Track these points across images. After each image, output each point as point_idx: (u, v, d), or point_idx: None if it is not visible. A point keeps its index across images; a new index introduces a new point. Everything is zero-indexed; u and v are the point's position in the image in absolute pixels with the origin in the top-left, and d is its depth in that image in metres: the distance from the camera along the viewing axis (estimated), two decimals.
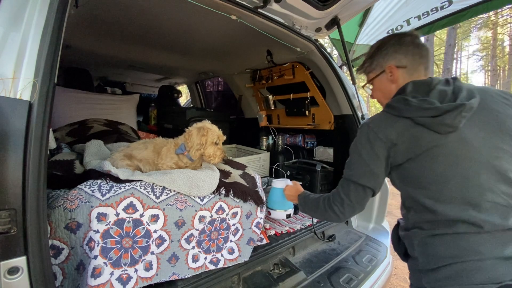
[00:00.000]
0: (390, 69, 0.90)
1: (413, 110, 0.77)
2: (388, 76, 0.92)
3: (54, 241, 0.81)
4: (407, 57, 0.88)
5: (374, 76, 0.96)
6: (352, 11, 1.63)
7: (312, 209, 1.08)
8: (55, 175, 1.03)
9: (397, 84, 0.90)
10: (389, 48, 0.91)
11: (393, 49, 0.90)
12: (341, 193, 0.93)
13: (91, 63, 2.57)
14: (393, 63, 0.89)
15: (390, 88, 0.92)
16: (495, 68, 18.39)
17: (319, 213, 1.04)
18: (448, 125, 0.73)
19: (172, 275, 1.00)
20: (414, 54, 0.87)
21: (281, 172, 2.17)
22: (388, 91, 0.93)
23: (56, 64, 0.69)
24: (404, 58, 0.88)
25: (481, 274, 0.67)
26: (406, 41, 0.89)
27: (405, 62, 0.88)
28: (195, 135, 1.18)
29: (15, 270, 0.60)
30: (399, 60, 0.89)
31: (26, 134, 0.61)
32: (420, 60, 0.87)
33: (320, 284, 1.21)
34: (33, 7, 0.67)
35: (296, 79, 2.20)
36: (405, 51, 0.88)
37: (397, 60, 0.89)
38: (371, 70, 0.98)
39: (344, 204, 0.92)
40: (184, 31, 1.71)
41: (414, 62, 0.87)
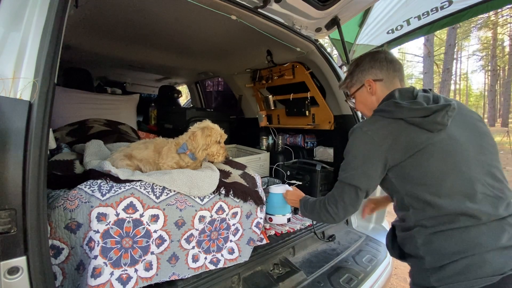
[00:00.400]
0: (369, 82, 1.01)
1: (405, 111, 0.83)
2: (368, 89, 1.02)
3: (54, 241, 0.81)
4: (382, 71, 0.99)
5: (355, 90, 1.07)
6: (352, 11, 1.63)
7: (310, 212, 1.12)
8: (55, 175, 1.03)
9: (376, 95, 1.00)
10: (365, 64, 1.02)
11: (369, 65, 1.01)
12: (336, 195, 0.97)
13: (91, 63, 2.57)
14: (371, 77, 1.01)
15: (371, 99, 1.02)
16: (495, 68, 18.39)
17: (316, 215, 1.08)
18: (438, 123, 0.80)
19: (172, 275, 1.00)
20: (389, 68, 0.98)
21: (281, 172, 2.17)
22: (369, 103, 1.03)
23: (56, 64, 0.69)
24: (380, 72, 0.99)
25: (486, 267, 0.71)
26: (380, 57, 1.00)
27: (381, 75, 0.99)
28: (200, 135, 1.18)
29: (15, 270, 0.60)
30: (375, 74, 1.00)
31: (26, 134, 0.61)
32: (394, 74, 0.99)
33: (320, 284, 1.21)
34: (33, 7, 0.67)
35: (296, 79, 2.20)
36: (379, 66, 0.99)
37: (374, 74, 1.00)
38: (352, 85, 1.08)
39: (338, 206, 0.96)
40: (184, 31, 1.71)
41: (389, 75, 0.98)
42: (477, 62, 24.41)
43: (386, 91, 0.97)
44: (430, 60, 10.03)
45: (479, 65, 24.24)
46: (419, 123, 0.81)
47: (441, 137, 0.81)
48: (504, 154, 8.52)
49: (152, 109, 3.00)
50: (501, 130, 13.42)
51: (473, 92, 36.93)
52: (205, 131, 1.19)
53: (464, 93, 33.21)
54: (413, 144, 0.81)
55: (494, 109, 20.40)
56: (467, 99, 34.73)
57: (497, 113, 22.10)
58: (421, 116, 0.81)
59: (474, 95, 36.66)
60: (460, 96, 31.80)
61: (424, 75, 10.17)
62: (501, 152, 8.80)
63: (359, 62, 1.05)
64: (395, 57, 1.02)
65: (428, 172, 0.80)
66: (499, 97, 22.97)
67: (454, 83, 26.65)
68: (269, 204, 1.50)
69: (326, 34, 1.82)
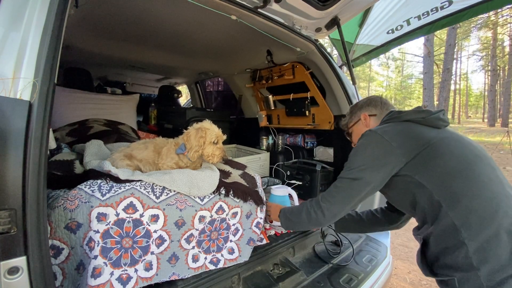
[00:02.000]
0: (364, 116, 1.20)
1: (410, 114, 0.94)
2: (363, 122, 1.20)
3: (54, 241, 0.81)
4: (377, 108, 1.18)
5: (353, 124, 1.25)
6: (352, 11, 1.63)
7: (297, 215, 1.10)
8: (55, 175, 1.03)
9: (370, 126, 1.15)
10: (363, 104, 1.22)
11: (366, 104, 1.22)
12: (333, 191, 0.99)
13: (91, 63, 2.56)
14: (366, 113, 1.20)
15: (365, 130, 1.08)
16: (495, 68, 18.39)
17: (303, 217, 1.06)
18: (443, 119, 0.90)
19: (172, 275, 1.00)
20: (382, 107, 1.17)
21: (281, 172, 2.17)
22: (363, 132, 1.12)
23: (56, 64, 0.69)
24: (374, 109, 1.19)
25: None
26: (374, 99, 1.21)
27: (374, 111, 1.18)
28: (193, 136, 1.17)
29: (15, 270, 0.59)
30: (370, 110, 1.19)
31: (26, 134, 0.61)
32: (387, 109, 1.15)
33: (320, 284, 1.21)
34: (33, 7, 0.67)
35: (296, 79, 2.20)
36: (374, 104, 1.19)
37: (369, 110, 1.20)
38: (351, 121, 1.26)
39: (335, 200, 0.97)
40: (184, 31, 1.71)
41: (382, 112, 1.16)
42: (477, 62, 24.44)
43: (378, 122, 1.13)
44: (430, 60, 10.03)
45: (479, 65, 24.26)
46: (425, 121, 0.90)
47: (447, 133, 0.88)
48: (504, 154, 8.52)
49: (152, 109, 3.00)
50: (501, 130, 13.43)
51: (473, 92, 36.93)
52: (198, 132, 1.18)
53: (464, 93, 33.20)
54: (426, 137, 0.85)
55: (494, 109, 20.39)
56: (467, 99, 34.73)
57: (497, 113, 22.09)
58: (424, 116, 0.91)
59: (474, 95, 36.66)
60: (460, 96, 31.79)
61: (424, 75, 10.17)
62: (501, 152, 8.80)
63: (357, 104, 1.26)
64: (389, 101, 1.21)
65: (454, 159, 0.79)
66: (499, 97, 22.97)
67: (454, 83, 26.64)
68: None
69: (326, 34, 1.82)
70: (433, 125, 0.89)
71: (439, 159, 0.80)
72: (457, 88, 29.99)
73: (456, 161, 0.79)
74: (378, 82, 32.58)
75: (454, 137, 0.85)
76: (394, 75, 30.48)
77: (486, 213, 0.72)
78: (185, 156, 1.20)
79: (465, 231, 0.72)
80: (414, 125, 0.90)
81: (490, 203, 0.73)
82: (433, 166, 0.80)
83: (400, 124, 0.93)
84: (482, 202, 0.73)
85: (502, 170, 0.87)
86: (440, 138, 0.83)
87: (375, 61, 26.84)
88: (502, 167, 6.81)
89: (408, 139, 0.85)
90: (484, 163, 0.80)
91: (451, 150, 0.80)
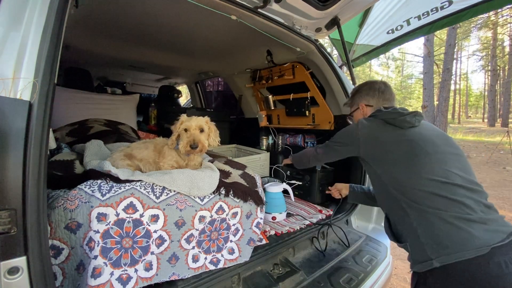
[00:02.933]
0: (362, 106, 1.34)
1: (384, 114, 1.15)
2: (361, 111, 1.35)
3: (54, 241, 0.81)
4: (374, 99, 1.31)
5: (353, 110, 1.43)
6: (352, 11, 1.63)
7: (300, 156, 1.63)
8: (55, 175, 1.03)
9: (366, 116, 1.30)
10: (363, 92, 1.35)
11: (365, 93, 1.33)
12: (323, 146, 1.42)
13: (91, 63, 2.57)
14: (364, 103, 1.33)
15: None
16: (495, 68, 18.40)
17: (305, 155, 1.59)
18: (408, 122, 1.07)
19: (172, 275, 1.00)
20: (379, 98, 1.29)
21: (281, 172, 2.17)
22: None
23: (56, 64, 0.69)
24: (371, 99, 1.31)
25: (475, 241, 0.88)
26: (375, 87, 1.31)
27: (372, 102, 1.31)
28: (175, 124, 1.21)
29: (15, 270, 0.59)
30: (367, 101, 1.32)
31: (26, 134, 0.61)
32: (383, 102, 1.29)
33: (320, 284, 1.21)
34: (33, 7, 0.67)
35: (296, 79, 2.20)
36: (372, 95, 1.31)
37: (367, 100, 1.33)
38: (351, 105, 1.44)
39: (322, 151, 1.42)
40: (184, 31, 1.71)
41: (378, 103, 1.29)
42: (477, 62, 24.45)
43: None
44: (430, 60, 10.03)
45: (479, 65, 24.27)
46: (393, 122, 1.10)
47: (410, 132, 1.07)
48: (504, 154, 8.52)
49: (152, 109, 2.99)
50: (501, 130, 13.43)
51: (473, 92, 36.91)
52: (177, 121, 1.22)
53: (464, 93, 33.19)
54: (390, 136, 1.09)
55: (494, 109, 20.40)
56: (467, 99, 34.72)
57: (497, 113, 22.09)
58: (395, 117, 1.10)
59: (474, 95, 36.64)
60: (460, 96, 31.78)
61: (424, 75, 10.16)
62: (501, 152, 8.80)
63: (359, 89, 1.38)
64: (390, 87, 1.31)
65: (400, 153, 1.03)
66: (499, 97, 22.98)
67: (454, 83, 26.64)
68: (268, 203, 1.51)
69: (326, 34, 1.82)
70: (398, 125, 1.09)
71: (389, 153, 1.07)
72: (457, 88, 29.98)
73: (401, 154, 1.03)
74: None
75: (410, 138, 1.05)
76: (394, 75, 30.46)
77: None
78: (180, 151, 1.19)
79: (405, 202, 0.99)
80: (384, 124, 1.13)
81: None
82: (383, 157, 1.09)
83: (375, 121, 1.16)
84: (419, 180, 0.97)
85: (502, 170, 0.89)
86: (400, 139, 1.07)
87: (375, 61, 26.85)
88: (502, 167, 6.81)
89: (371, 136, 1.14)
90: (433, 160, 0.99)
91: (400, 147, 1.05)
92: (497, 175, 6.07)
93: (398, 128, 1.09)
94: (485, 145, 10.80)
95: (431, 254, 0.87)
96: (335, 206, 1.82)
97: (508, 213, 3.94)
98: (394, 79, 30.83)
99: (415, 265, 0.95)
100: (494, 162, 7.49)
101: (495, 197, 4.62)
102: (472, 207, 0.87)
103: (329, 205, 1.85)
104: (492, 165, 7.09)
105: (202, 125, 1.20)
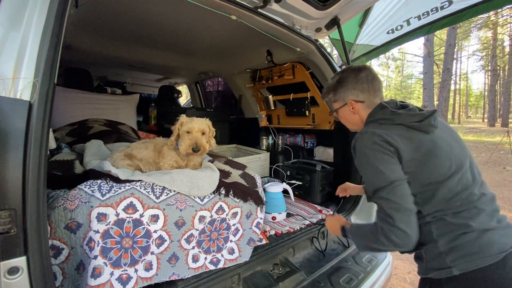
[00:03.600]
0: (351, 103, 1.06)
1: (403, 117, 0.92)
2: (350, 109, 1.07)
3: (54, 241, 0.81)
4: (364, 93, 1.04)
5: (338, 107, 1.12)
6: (352, 11, 1.63)
7: (362, 238, 0.98)
8: (55, 175, 1.03)
9: (359, 114, 1.06)
10: (348, 84, 1.06)
11: (352, 86, 1.05)
12: (385, 208, 0.85)
13: (91, 63, 2.56)
14: (353, 98, 1.05)
15: (354, 117, 1.08)
16: (495, 68, 18.39)
17: (370, 238, 0.92)
18: (432, 125, 0.90)
19: (172, 275, 1.00)
20: (369, 90, 1.03)
21: (281, 173, 2.17)
22: (352, 120, 1.10)
23: (56, 64, 0.69)
24: (361, 94, 1.04)
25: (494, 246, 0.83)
26: (361, 77, 1.04)
27: (362, 97, 1.04)
28: (176, 125, 1.21)
29: (15, 270, 0.59)
30: (357, 96, 1.04)
31: (26, 134, 0.61)
32: (374, 94, 1.04)
33: (320, 284, 1.21)
34: (33, 7, 0.67)
35: (296, 79, 2.20)
36: (361, 88, 1.04)
37: (355, 95, 1.05)
38: (335, 100, 1.12)
39: (396, 214, 0.82)
40: (184, 31, 1.71)
41: (370, 96, 1.04)
42: (477, 62, 24.46)
43: (367, 110, 1.04)
44: (430, 60, 10.03)
45: (479, 65, 24.27)
46: (418, 126, 0.90)
47: (435, 136, 0.91)
48: (504, 154, 8.52)
49: (152, 109, 3.00)
50: (501, 130, 13.43)
51: (473, 92, 36.90)
52: (179, 121, 1.21)
53: (464, 93, 33.18)
54: (417, 145, 0.88)
55: (494, 109, 20.39)
56: (467, 99, 34.71)
57: (497, 113, 22.09)
58: (417, 121, 0.90)
59: (474, 95, 36.64)
60: (460, 96, 31.77)
61: (424, 75, 10.16)
62: (501, 152, 8.80)
63: (342, 80, 1.07)
64: (376, 75, 1.06)
65: (434, 167, 0.87)
66: (499, 97, 22.97)
67: (454, 83, 26.63)
68: (268, 203, 1.51)
69: (326, 34, 1.82)
70: (423, 130, 0.90)
71: (420, 163, 0.88)
72: (457, 88, 29.97)
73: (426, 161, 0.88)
74: None
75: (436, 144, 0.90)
76: (394, 75, 30.46)
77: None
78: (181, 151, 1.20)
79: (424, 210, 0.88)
80: (406, 130, 0.91)
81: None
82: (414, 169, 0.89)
83: (394, 127, 0.92)
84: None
85: (502, 170, 0.90)
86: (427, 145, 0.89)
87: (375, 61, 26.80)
88: (502, 167, 6.81)
89: (404, 145, 0.88)
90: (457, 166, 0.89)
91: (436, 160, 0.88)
92: (497, 175, 6.07)
93: (423, 134, 0.90)
94: (485, 145, 10.80)
95: (451, 262, 0.83)
96: (335, 206, 1.82)
97: (508, 213, 3.93)
98: (394, 79, 30.83)
99: (430, 272, 0.89)
100: (494, 162, 7.49)
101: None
102: (491, 214, 0.86)
103: (329, 205, 1.85)
104: (492, 165, 7.09)
105: (204, 128, 1.21)
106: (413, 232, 0.83)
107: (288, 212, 1.67)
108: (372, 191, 0.89)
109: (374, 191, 0.88)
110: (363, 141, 0.91)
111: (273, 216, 1.56)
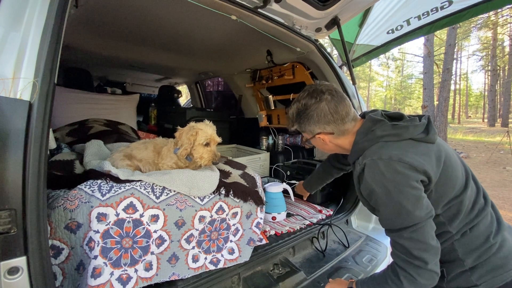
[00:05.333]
0: (321, 136, 0.95)
1: (411, 130, 0.82)
2: (321, 141, 0.97)
3: (54, 241, 0.81)
4: (330, 125, 0.91)
5: (308, 137, 1.00)
6: (352, 11, 1.63)
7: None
8: (55, 175, 1.03)
9: (334, 143, 0.96)
10: (310, 118, 0.92)
11: (316, 119, 0.91)
12: (408, 248, 0.75)
13: (91, 63, 2.57)
14: (320, 131, 0.93)
15: (328, 146, 0.99)
16: (495, 68, 18.39)
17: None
18: (436, 133, 0.84)
19: (172, 275, 1.00)
20: (336, 120, 0.90)
21: (281, 173, 2.17)
22: (329, 148, 1.00)
23: (56, 64, 0.69)
24: (328, 126, 0.91)
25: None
26: (322, 109, 0.89)
27: (329, 129, 0.92)
28: (184, 134, 1.14)
29: (15, 270, 0.59)
30: (324, 128, 0.92)
31: (26, 134, 0.61)
32: (343, 121, 0.90)
33: (320, 284, 1.21)
34: (33, 7, 0.67)
35: (296, 79, 2.20)
36: (325, 121, 0.90)
37: (322, 128, 0.92)
38: (302, 131, 1.00)
39: (424, 254, 0.74)
40: (184, 31, 1.71)
41: (338, 126, 0.91)
42: (477, 62, 24.45)
43: (342, 137, 0.94)
44: (430, 60, 10.02)
45: (479, 65, 24.26)
46: (425, 138, 0.82)
47: (439, 144, 0.85)
48: (504, 154, 8.52)
49: (152, 109, 3.00)
50: (501, 130, 13.43)
51: (473, 92, 36.88)
52: (190, 130, 1.14)
53: (464, 93, 33.18)
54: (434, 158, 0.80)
55: (494, 109, 20.39)
56: (467, 99, 34.70)
57: (497, 113, 22.08)
58: (422, 131, 0.82)
59: (474, 95, 36.62)
60: (460, 96, 31.76)
61: (424, 75, 10.15)
62: (501, 152, 8.80)
63: (303, 111, 0.93)
64: (340, 95, 0.91)
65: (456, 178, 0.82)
66: (499, 97, 22.96)
67: (454, 83, 26.61)
68: (268, 203, 1.51)
69: (326, 34, 1.82)
70: (429, 142, 0.83)
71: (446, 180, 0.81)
72: (457, 88, 29.95)
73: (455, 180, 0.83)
74: (378, 82, 32.56)
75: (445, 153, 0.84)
76: (394, 75, 30.46)
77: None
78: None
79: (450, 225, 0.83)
80: (417, 144, 0.81)
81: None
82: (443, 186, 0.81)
83: (404, 143, 0.81)
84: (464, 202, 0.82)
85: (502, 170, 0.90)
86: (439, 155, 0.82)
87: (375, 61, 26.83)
88: (502, 167, 6.81)
89: (430, 163, 0.78)
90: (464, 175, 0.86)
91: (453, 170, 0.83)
92: (497, 175, 6.07)
93: (431, 145, 0.82)
94: (485, 145, 10.80)
95: (477, 280, 0.79)
96: (335, 206, 1.82)
97: (508, 213, 3.93)
98: (394, 79, 30.83)
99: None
100: (494, 162, 7.49)
101: (495, 197, 4.62)
102: (503, 222, 0.84)
103: (329, 205, 1.85)
104: (492, 165, 7.09)
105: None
106: (439, 270, 0.76)
107: (288, 212, 1.67)
108: (393, 230, 0.79)
109: (396, 230, 0.78)
110: (380, 171, 0.76)
111: (273, 216, 1.56)
